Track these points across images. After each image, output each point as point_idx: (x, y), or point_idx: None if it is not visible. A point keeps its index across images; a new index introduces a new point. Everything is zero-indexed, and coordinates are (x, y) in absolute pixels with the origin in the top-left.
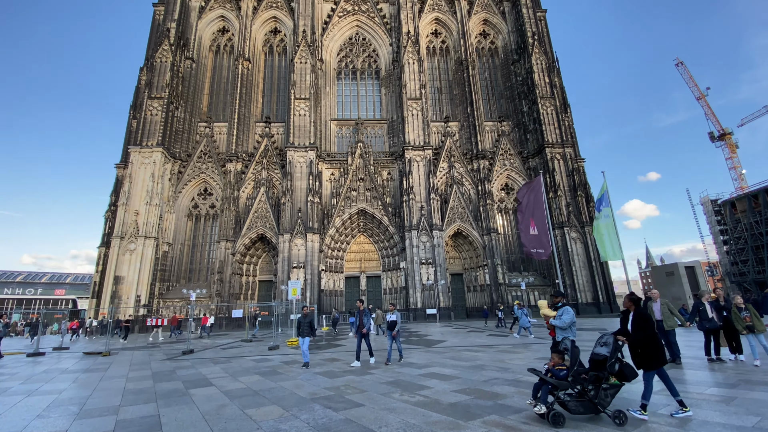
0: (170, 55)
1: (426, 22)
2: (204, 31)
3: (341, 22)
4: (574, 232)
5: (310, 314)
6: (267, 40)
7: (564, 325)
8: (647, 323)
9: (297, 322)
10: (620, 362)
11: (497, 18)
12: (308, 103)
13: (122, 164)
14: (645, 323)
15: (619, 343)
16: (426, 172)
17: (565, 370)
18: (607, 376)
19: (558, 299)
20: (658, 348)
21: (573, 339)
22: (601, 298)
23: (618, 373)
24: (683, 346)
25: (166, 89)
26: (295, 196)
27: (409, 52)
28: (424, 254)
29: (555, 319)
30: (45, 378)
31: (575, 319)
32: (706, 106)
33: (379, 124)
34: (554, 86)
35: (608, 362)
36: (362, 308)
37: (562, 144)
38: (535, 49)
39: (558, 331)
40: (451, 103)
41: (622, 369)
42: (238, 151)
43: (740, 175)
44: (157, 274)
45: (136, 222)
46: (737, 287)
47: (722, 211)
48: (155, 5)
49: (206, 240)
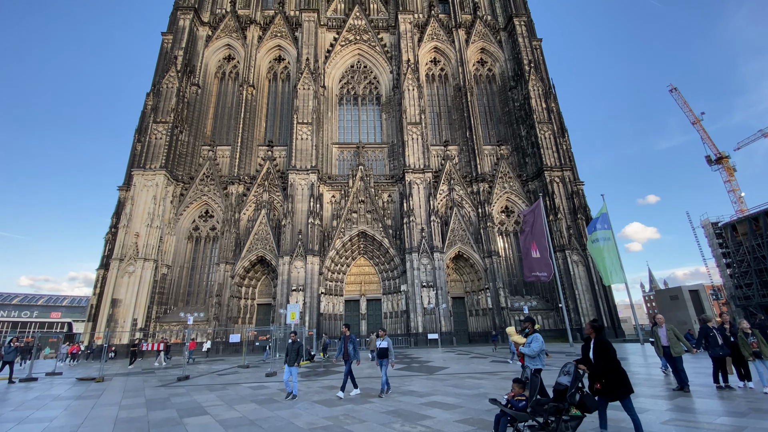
0: (176, 81)
1: (425, 51)
2: (210, 58)
3: (343, 50)
4: (576, 255)
5: (298, 341)
6: (271, 68)
7: (533, 353)
8: (607, 352)
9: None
10: (581, 392)
11: (494, 47)
12: (310, 128)
13: (125, 187)
14: (605, 352)
15: (579, 372)
16: (426, 194)
17: (524, 400)
18: (568, 407)
19: (527, 325)
20: (623, 376)
21: (540, 368)
22: (606, 323)
23: (579, 404)
24: (691, 373)
25: (172, 114)
26: (295, 218)
27: (409, 79)
28: (425, 277)
29: (524, 347)
30: (36, 405)
31: (545, 347)
32: (701, 130)
33: (379, 148)
34: (551, 111)
35: (568, 392)
36: (348, 334)
37: (560, 167)
38: (531, 76)
39: (527, 359)
40: (450, 128)
41: (582, 400)
42: (241, 174)
43: (739, 198)
44: (155, 297)
45: (136, 244)
46: (742, 311)
47: (723, 234)
48: (164, 34)
49: (206, 262)
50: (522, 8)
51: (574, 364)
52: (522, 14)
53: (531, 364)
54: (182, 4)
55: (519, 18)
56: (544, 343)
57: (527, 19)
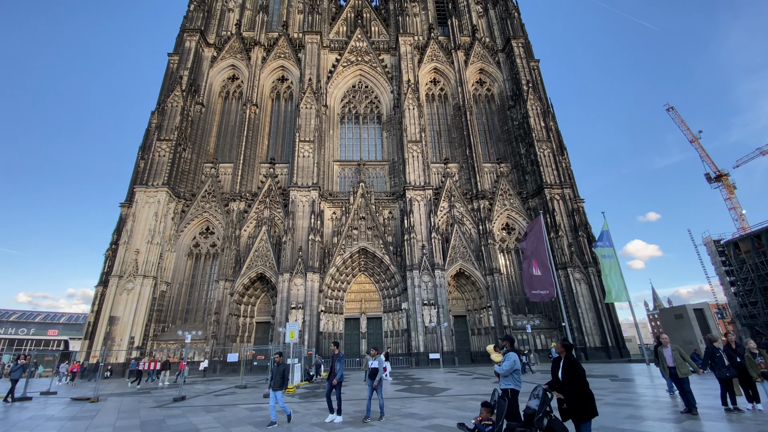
0: (181, 100)
1: (425, 72)
2: (215, 78)
3: (345, 71)
4: (578, 273)
5: (284, 363)
6: (274, 87)
7: (504, 372)
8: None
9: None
10: (549, 416)
11: (493, 67)
12: (312, 146)
13: (127, 203)
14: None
15: (548, 395)
16: (427, 211)
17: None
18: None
19: (505, 344)
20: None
21: (514, 388)
22: (610, 342)
23: (546, 429)
24: (698, 394)
25: (175, 132)
26: (296, 234)
27: (410, 99)
28: (426, 295)
29: (497, 366)
30: (30, 425)
31: (518, 366)
32: (700, 148)
33: (380, 165)
34: (550, 130)
35: (536, 417)
36: (337, 353)
37: (560, 185)
38: (530, 95)
39: (501, 378)
40: (450, 146)
41: (550, 424)
42: (242, 190)
43: (740, 215)
44: (153, 314)
45: (136, 261)
46: (748, 330)
47: (726, 252)
48: (170, 55)
49: (205, 279)
50: (519, 31)
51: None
52: (519, 36)
53: (503, 384)
54: (189, 26)
55: (516, 40)
56: (518, 362)
57: (525, 41)
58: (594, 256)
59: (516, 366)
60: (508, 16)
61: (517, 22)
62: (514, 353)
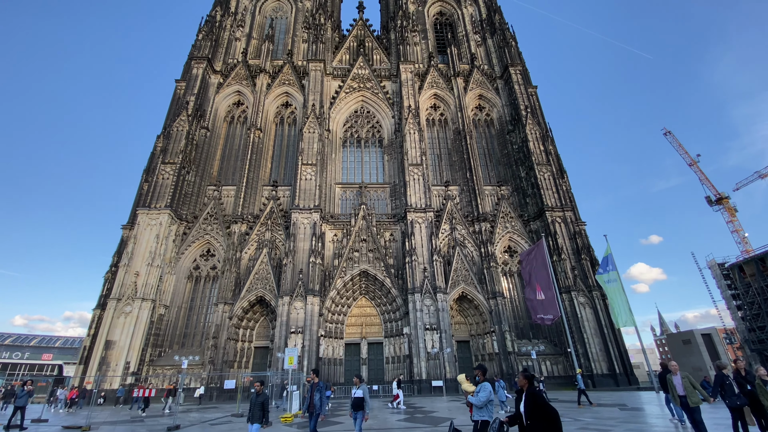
0: (187, 124)
1: (425, 98)
2: (220, 103)
3: (347, 97)
4: (582, 297)
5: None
6: (278, 112)
7: (479, 403)
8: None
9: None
10: None
11: (491, 93)
12: (315, 168)
13: (129, 225)
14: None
15: (504, 429)
16: (428, 233)
17: None
18: None
19: (477, 373)
20: None
21: (487, 420)
22: (617, 369)
23: None
24: (710, 424)
25: (180, 155)
26: (297, 257)
27: (410, 124)
28: (428, 319)
29: (471, 396)
30: None
31: (493, 397)
32: (699, 171)
33: (381, 188)
34: (549, 153)
35: None
36: (316, 381)
37: (561, 208)
38: (528, 120)
39: (474, 409)
40: (451, 169)
41: None
42: (244, 213)
43: (743, 238)
44: (150, 338)
45: (135, 283)
46: (758, 356)
47: (731, 275)
48: (177, 81)
49: (204, 303)
50: (517, 58)
51: (501, 422)
52: (517, 64)
53: (476, 416)
54: (197, 54)
55: (514, 67)
56: (492, 392)
57: (522, 69)
58: (599, 281)
59: (491, 396)
60: (506, 44)
61: (515, 50)
62: (488, 383)
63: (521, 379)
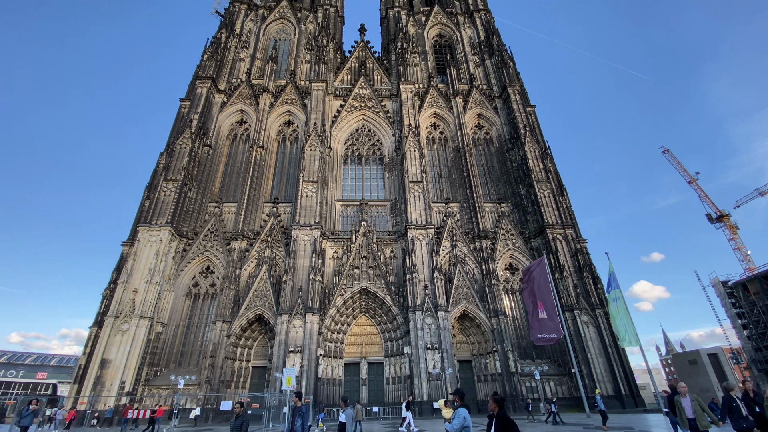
0: (190, 142)
1: (425, 116)
2: (223, 122)
3: (349, 116)
4: (585, 315)
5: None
6: (280, 131)
7: (453, 431)
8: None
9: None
10: None
11: (490, 112)
12: (316, 186)
13: (129, 242)
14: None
15: None
16: (429, 250)
17: None
18: None
19: (455, 398)
20: None
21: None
22: (623, 390)
23: None
24: None
25: (182, 172)
26: (297, 274)
27: (410, 142)
28: (429, 338)
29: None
30: None
31: (469, 423)
32: (698, 189)
33: (382, 204)
34: (548, 171)
35: None
36: (298, 405)
37: (562, 225)
38: (527, 138)
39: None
40: (451, 186)
41: None
42: (245, 229)
43: (746, 255)
44: (146, 357)
45: (134, 301)
46: (765, 376)
47: (735, 294)
48: (182, 100)
49: (202, 320)
50: (515, 79)
51: None
52: (515, 84)
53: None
54: (202, 74)
55: (512, 87)
56: (468, 419)
57: (520, 88)
58: (601, 299)
59: (466, 423)
60: (504, 65)
61: (513, 70)
62: (464, 409)
63: (491, 404)
